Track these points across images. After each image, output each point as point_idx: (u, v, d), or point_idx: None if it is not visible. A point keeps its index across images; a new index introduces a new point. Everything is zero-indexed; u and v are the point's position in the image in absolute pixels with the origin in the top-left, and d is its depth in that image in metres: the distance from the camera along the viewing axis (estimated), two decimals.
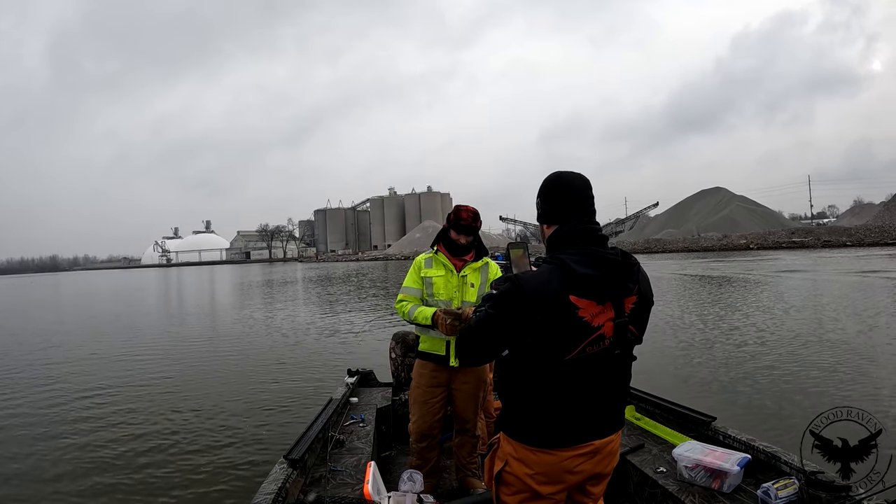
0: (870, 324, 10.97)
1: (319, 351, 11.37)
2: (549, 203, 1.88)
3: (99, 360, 11.55)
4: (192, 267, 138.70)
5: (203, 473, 5.21)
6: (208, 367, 10.32)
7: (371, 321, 15.70)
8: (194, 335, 14.92)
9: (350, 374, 4.93)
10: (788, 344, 9.46)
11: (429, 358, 3.33)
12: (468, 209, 3.27)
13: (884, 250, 46.44)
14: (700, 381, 7.55)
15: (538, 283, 1.70)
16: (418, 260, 3.39)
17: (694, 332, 11.08)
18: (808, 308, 13.47)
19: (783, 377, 7.40)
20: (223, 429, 6.49)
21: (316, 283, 37.96)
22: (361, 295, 25.71)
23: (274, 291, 31.92)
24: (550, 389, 1.77)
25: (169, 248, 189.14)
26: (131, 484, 5.07)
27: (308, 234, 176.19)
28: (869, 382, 7.04)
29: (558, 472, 1.82)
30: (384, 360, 4.87)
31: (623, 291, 1.77)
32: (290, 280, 44.93)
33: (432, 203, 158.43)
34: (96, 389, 8.71)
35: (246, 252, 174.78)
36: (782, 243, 66.39)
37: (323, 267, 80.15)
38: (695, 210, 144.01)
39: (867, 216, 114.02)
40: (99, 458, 5.75)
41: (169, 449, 5.89)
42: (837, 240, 63.67)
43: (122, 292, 40.63)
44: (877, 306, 13.32)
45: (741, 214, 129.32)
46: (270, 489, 2.62)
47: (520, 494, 1.87)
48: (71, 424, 6.95)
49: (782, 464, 2.71)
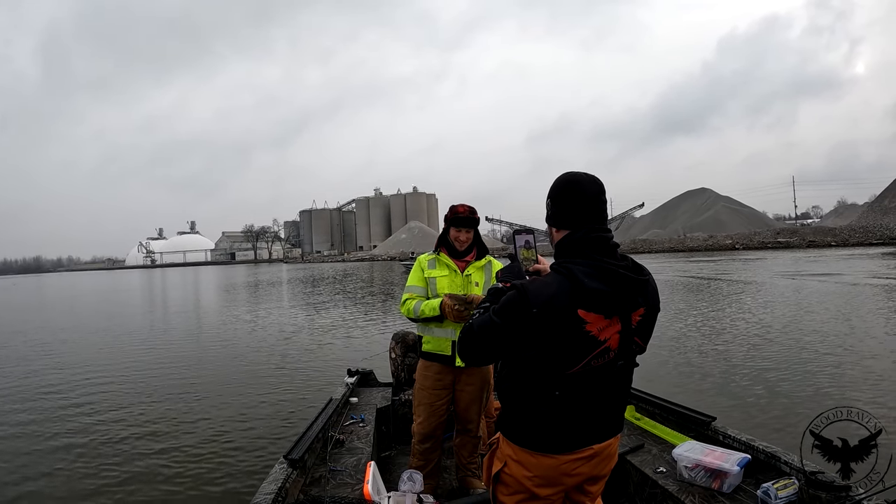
0: (874, 326, 10.92)
1: (319, 351, 11.34)
2: (560, 206, 1.81)
3: (97, 360, 11.44)
4: (177, 268, 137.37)
5: (203, 473, 5.20)
6: (208, 367, 10.26)
7: (370, 321, 15.68)
8: (191, 336, 14.79)
9: (350, 374, 4.92)
10: (789, 344, 9.48)
11: (433, 358, 3.31)
12: (462, 204, 3.27)
13: (874, 249, 47.12)
14: (700, 380, 7.56)
15: (546, 297, 1.65)
16: (421, 260, 3.38)
17: (694, 333, 11.09)
18: (808, 309, 13.46)
19: (783, 377, 7.41)
20: (223, 429, 6.47)
21: (307, 284, 37.78)
22: (358, 296, 25.65)
23: (265, 293, 31.70)
24: (552, 398, 1.75)
25: (153, 249, 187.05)
26: (130, 484, 5.05)
27: (293, 234, 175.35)
28: (869, 383, 7.05)
29: (557, 476, 1.82)
30: (384, 360, 4.87)
31: (632, 306, 1.74)
32: (277, 281, 44.61)
33: (418, 204, 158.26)
34: (95, 390, 8.66)
35: (231, 253, 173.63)
36: (768, 243, 67.06)
37: (309, 268, 79.80)
38: (680, 210, 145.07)
39: (851, 217, 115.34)
40: (99, 458, 5.72)
41: (168, 449, 5.87)
42: (822, 240, 64.47)
43: (111, 293, 40.24)
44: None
45: (726, 215, 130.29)
46: (270, 489, 2.62)
47: (517, 495, 1.87)
48: (68, 422, 6.94)
49: (782, 464, 2.71)
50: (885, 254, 40.56)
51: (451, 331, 3.22)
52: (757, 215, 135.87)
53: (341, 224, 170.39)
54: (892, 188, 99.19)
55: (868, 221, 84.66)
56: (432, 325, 3.28)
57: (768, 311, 13.53)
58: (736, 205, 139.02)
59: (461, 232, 3.27)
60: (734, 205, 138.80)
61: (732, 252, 60.70)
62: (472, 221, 3.27)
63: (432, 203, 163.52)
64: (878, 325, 10.87)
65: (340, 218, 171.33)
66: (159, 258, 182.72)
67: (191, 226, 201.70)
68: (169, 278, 68.41)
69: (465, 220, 3.24)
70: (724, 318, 12.80)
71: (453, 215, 3.26)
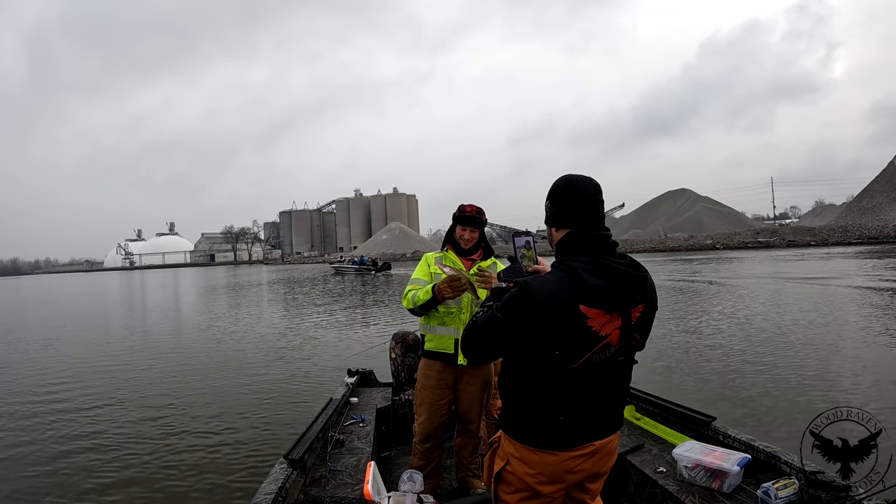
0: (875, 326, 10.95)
1: (319, 351, 11.29)
2: (560, 206, 1.87)
3: (94, 360, 11.38)
4: (156, 270, 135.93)
5: (203, 473, 5.17)
6: (206, 368, 10.16)
7: (370, 321, 15.65)
8: (186, 338, 14.60)
9: (350, 374, 4.93)
10: (789, 345, 9.50)
11: (435, 357, 3.31)
12: (472, 205, 3.31)
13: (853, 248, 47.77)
14: (700, 380, 7.56)
15: (548, 293, 1.69)
16: (428, 256, 3.40)
17: (693, 333, 11.09)
18: (808, 310, 13.47)
19: (783, 377, 7.42)
20: (223, 429, 6.45)
21: (295, 284, 37.63)
22: (354, 296, 25.53)
23: (254, 294, 31.45)
24: (554, 394, 1.78)
25: (132, 251, 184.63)
26: (130, 484, 5.02)
27: (273, 236, 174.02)
28: (870, 383, 7.09)
29: (559, 473, 1.84)
30: (384, 360, 4.87)
31: (631, 302, 1.79)
32: (261, 282, 44.28)
33: (398, 204, 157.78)
34: (94, 390, 8.63)
35: (210, 254, 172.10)
36: (748, 243, 67.94)
37: (290, 269, 79.27)
38: (661, 211, 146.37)
39: (829, 216, 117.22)
40: (98, 458, 5.68)
41: (168, 449, 5.84)
42: (802, 239, 65.50)
43: (99, 295, 39.78)
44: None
45: (706, 215, 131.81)
46: (270, 489, 2.63)
47: (519, 493, 1.89)
48: (70, 424, 6.89)
49: (782, 464, 2.73)
50: (865, 252, 41.31)
51: (453, 329, 3.24)
52: (736, 215, 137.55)
53: (321, 225, 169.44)
54: (870, 189, 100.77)
55: (847, 221, 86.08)
56: (434, 322, 3.29)
57: (769, 312, 13.54)
58: (716, 205, 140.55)
59: (466, 230, 3.29)
60: (714, 205, 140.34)
61: (713, 252, 61.30)
62: (478, 222, 3.29)
63: (412, 204, 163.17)
64: (879, 326, 10.90)
65: (321, 219, 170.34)
66: (138, 260, 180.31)
67: (170, 227, 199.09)
68: (149, 280, 67.47)
69: (470, 220, 3.27)
70: (723, 319, 12.80)
71: (460, 213, 3.29)
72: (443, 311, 3.26)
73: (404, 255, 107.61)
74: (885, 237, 61.40)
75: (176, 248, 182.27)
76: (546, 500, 1.88)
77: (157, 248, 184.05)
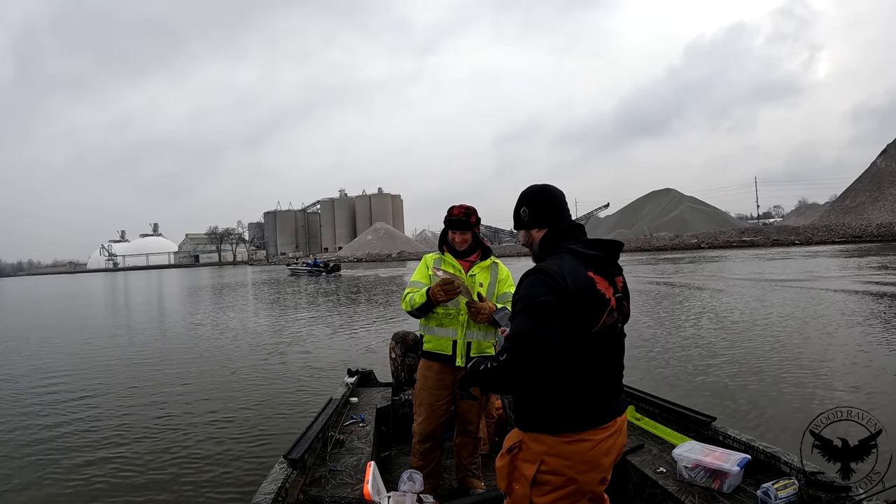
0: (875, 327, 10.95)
1: (318, 351, 11.24)
2: (540, 209, 2.10)
3: (92, 361, 11.32)
4: (140, 271, 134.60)
5: (203, 473, 5.15)
6: (205, 368, 10.11)
7: (370, 321, 15.61)
8: (182, 339, 14.44)
9: (350, 374, 4.92)
10: (790, 345, 9.51)
11: (434, 358, 3.31)
12: (460, 205, 3.28)
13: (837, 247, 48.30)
14: (700, 381, 7.56)
15: (561, 265, 1.88)
16: (427, 258, 3.40)
17: (693, 333, 11.09)
18: (808, 310, 13.47)
19: (783, 377, 7.42)
20: (222, 429, 6.42)
21: (285, 285, 37.50)
22: (351, 297, 25.46)
23: (244, 295, 31.30)
24: (578, 369, 1.89)
25: (115, 252, 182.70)
26: (130, 485, 4.99)
27: (258, 236, 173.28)
28: (870, 382, 7.10)
29: (596, 456, 1.92)
30: (384, 360, 4.86)
31: (618, 270, 2.06)
32: (247, 283, 44.05)
33: (383, 205, 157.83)
34: (92, 390, 8.60)
35: (195, 255, 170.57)
36: (733, 242, 68.55)
37: (275, 270, 78.82)
38: (646, 211, 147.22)
39: (812, 216, 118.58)
40: (98, 459, 5.65)
41: (167, 449, 5.81)
42: (786, 238, 66.17)
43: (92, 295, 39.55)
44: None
45: (691, 215, 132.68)
46: (270, 489, 2.62)
47: (557, 492, 1.91)
48: (66, 426, 6.84)
49: (782, 464, 2.73)
50: (849, 251, 41.77)
51: (452, 330, 3.25)
52: (721, 215, 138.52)
53: (306, 226, 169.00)
54: (853, 188, 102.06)
55: (830, 220, 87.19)
56: (433, 324, 3.29)
57: (768, 312, 13.53)
58: (700, 205, 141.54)
59: (456, 234, 3.27)
60: (698, 205, 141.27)
61: (699, 251, 61.73)
62: (466, 224, 3.24)
63: (397, 204, 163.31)
64: (879, 327, 10.91)
65: (305, 219, 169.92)
66: (122, 261, 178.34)
67: (153, 228, 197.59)
68: (133, 281, 66.77)
69: (458, 223, 3.24)
70: (723, 319, 12.81)
71: (448, 216, 3.26)
72: (441, 313, 3.26)
73: (389, 255, 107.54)
74: (869, 236, 62.23)
75: (160, 249, 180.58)
76: (586, 492, 1.95)
77: (141, 249, 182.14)
